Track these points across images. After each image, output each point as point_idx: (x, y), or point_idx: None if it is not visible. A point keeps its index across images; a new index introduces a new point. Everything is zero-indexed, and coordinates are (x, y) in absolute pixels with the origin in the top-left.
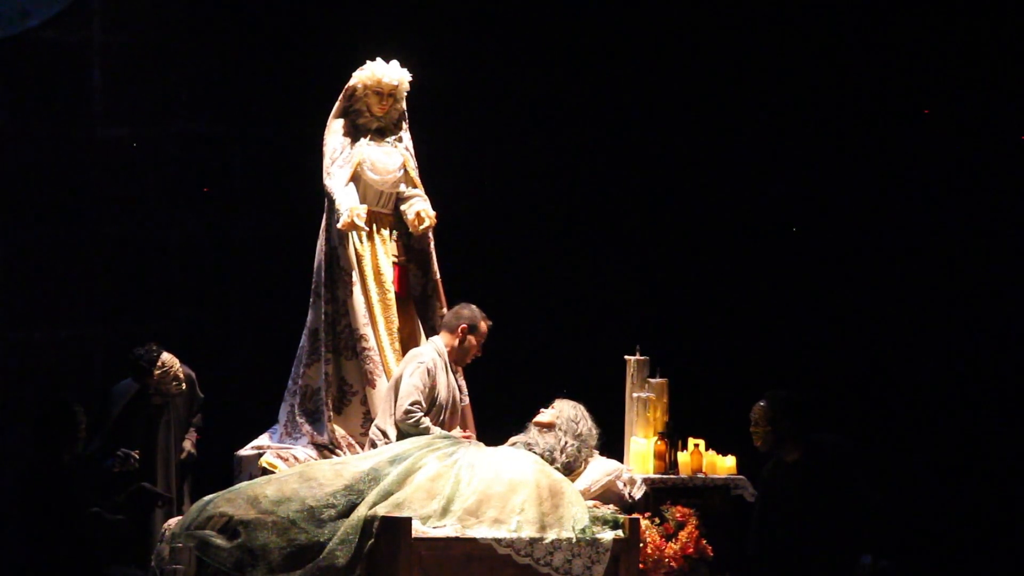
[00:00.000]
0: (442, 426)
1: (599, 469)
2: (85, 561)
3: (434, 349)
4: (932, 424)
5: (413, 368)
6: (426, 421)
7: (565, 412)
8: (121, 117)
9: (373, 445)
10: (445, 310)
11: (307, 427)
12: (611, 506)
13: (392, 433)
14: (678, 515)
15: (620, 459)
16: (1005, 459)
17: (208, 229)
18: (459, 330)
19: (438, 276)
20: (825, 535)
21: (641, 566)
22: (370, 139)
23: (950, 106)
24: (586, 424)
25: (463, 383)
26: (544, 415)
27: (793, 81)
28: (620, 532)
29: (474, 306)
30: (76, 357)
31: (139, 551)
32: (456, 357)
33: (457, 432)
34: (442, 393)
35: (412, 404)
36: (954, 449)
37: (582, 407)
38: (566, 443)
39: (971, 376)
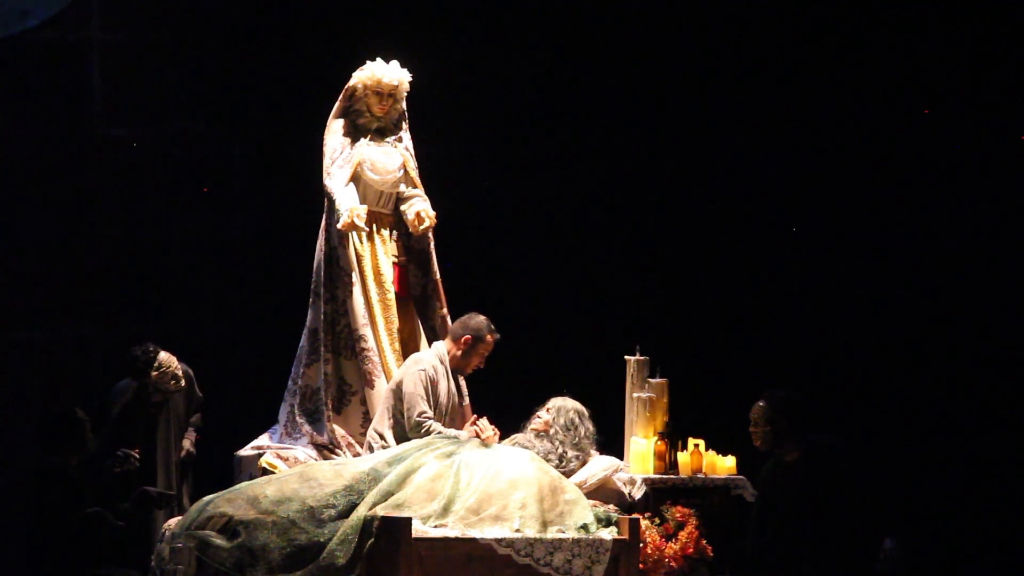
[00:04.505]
0: None
1: (596, 464)
2: (86, 562)
3: (435, 355)
4: (932, 424)
5: (413, 376)
6: (437, 426)
7: (560, 420)
8: (121, 117)
9: (370, 449)
10: (445, 310)
11: (307, 427)
12: (611, 505)
13: (389, 436)
14: (678, 515)
15: (620, 459)
16: (1005, 459)
17: (208, 229)
18: (462, 340)
19: (438, 276)
20: (824, 534)
21: (641, 566)
22: (370, 139)
23: (950, 106)
24: (583, 428)
25: (463, 384)
26: (538, 422)
27: (793, 81)
28: (614, 530)
29: (483, 317)
30: (76, 357)
31: (139, 552)
32: (457, 365)
33: (468, 431)
34: (442, 399)
35: (420, 415)
36: (954, 449)
37: (578, 406)
38: (563, 452)
39: (971, 375)
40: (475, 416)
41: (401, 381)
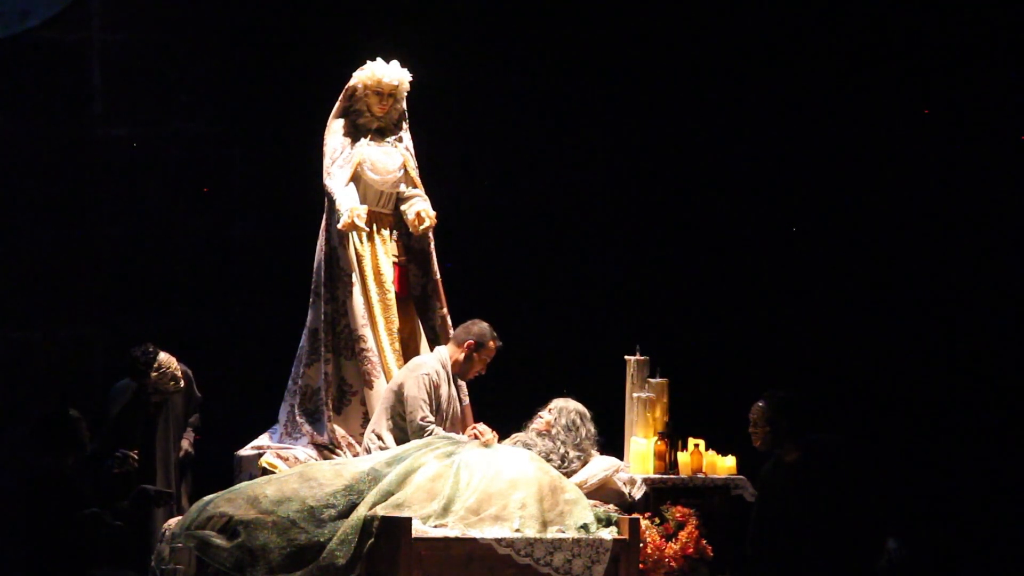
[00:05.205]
0: None
1: (597, 464)
2: (84, 562)
3: (438, 360)
4: (932, 424)
5: (417, 380)
6: (439, 430)
7: (562, 420)
8: (121, 117)
9: (368, 451)
10: (445, 310)
11: (307, 427)
12: (611, 505)
13: (388, 438)
14: (678, 515)
15: (620, 459)
16: (1006, 459)
17: (208, 229)
18: (466, 345)
19: (438, 276)
20: (824, 535)
21: (641, 566)
22: (370, 139)
23: (950, 106)
24: (585, 429)
25: (463, 385)
26: (539, 422)
27: (793, 81)
28: (614, 530)
29: (487, 324)
30: (76, 357)
31: (139, 552)
32: (458, 371)
33: (467, 435)
34: (444, 404)
35: (423, 419)
36: (953, 449)
37: (579, 408)
38: (564, 452)
39: (971, 376)
40: (474, 425)
41: (403, 384)
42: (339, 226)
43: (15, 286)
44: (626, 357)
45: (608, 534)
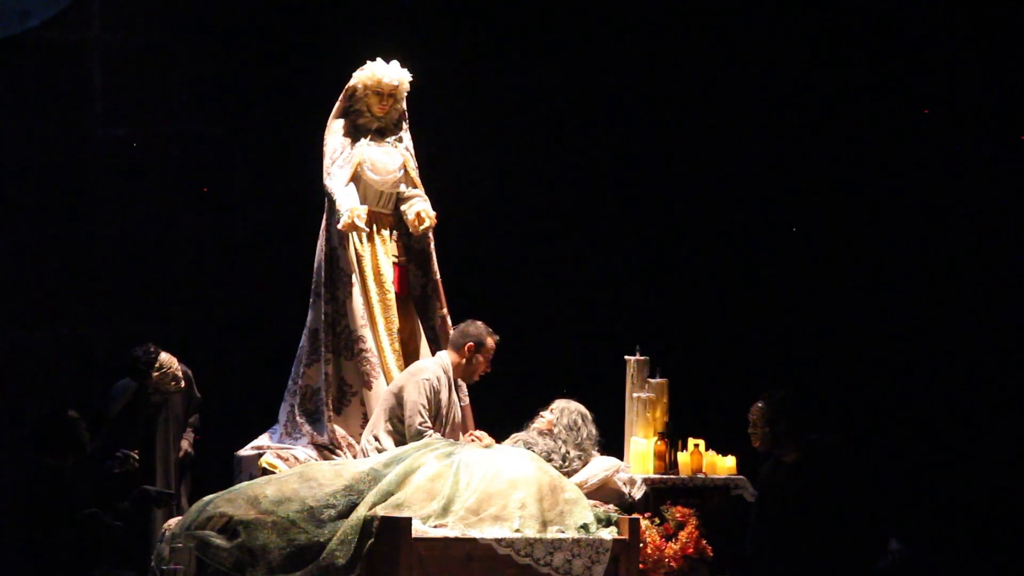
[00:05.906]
0: None
1: (597, 464)
2: (84, 563)
3: (439, 365)
4: (932, 424)
5: (417, 384)
6: (437, 436)
7: (563, 420)
8: (121, 117)
9: (366, 453)
10: (445, 310)
11: (307, 427)
12: (611, 505)
13: (386, 440)
14: (678, 515)
15: (620, 459)
16: (1004, 460)
17: (208, 229)
18: (465, 349)
19: (438, 276)
20: (823, 535)
21: (641, 566)
22: (370, 139)
23: (950, 106)
24: (586, 430)
25: (463, 384)
26: (541, 422)
27: (793, 81)
28: (614, 530)
29: (480, 323)
30: (76, 357)
31: (139, 552)
32: (462, 375)
33: (465, 440)
34: (443, 410)
35: (421, 424)
36: (954, 448)
37: (581, 409)
38: (566, 452)
39: (971, 375)
40: (471, 432)
41: (403, 387)
42: (339, 226)
43: (15, 286)
44: (626, 357)
45: (608, 534)
